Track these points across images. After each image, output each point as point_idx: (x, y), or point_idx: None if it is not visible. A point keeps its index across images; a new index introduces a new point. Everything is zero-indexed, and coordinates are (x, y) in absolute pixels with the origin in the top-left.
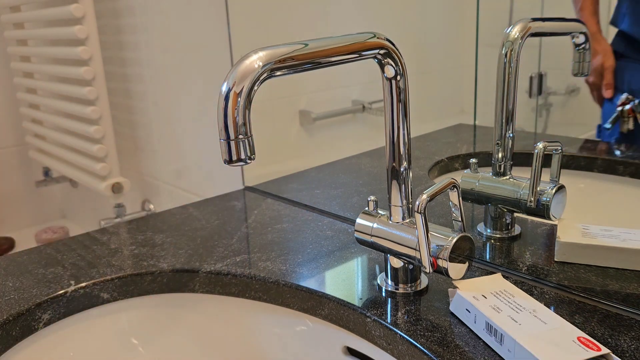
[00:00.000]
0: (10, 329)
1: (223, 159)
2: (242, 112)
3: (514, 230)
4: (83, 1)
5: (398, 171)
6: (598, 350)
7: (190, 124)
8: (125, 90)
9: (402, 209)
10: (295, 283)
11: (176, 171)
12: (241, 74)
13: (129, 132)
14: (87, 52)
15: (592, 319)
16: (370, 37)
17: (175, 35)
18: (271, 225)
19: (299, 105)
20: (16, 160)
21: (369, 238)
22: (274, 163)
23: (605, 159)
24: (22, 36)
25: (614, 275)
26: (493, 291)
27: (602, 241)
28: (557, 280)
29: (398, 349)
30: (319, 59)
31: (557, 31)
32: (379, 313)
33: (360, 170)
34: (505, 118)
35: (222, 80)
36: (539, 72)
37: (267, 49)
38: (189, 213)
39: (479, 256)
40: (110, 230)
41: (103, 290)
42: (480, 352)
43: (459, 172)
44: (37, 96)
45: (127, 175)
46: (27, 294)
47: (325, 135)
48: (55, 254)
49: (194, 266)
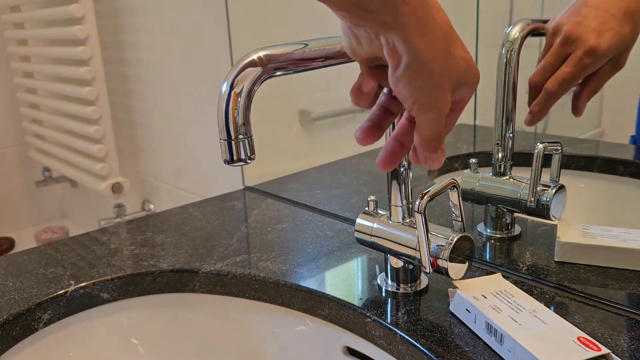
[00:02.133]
0: (10, 329)
1: (223, 159)
2: (242, 112)
3: (514, 230)
4: (83, 1)
5: (398, 171)
6: (598, 350)
7: (190, 124)
8: (125, 90)
9: (402, 209)
10: (295, 283)
11: (176, 171)
12: (241, 74)
13: (129, 132)
14: (87, 52)
15: (592, 319)
16: None
17: (175, 35)
18: (271, 225)
19: (299, 105)
20: (16, 160)
21: (369, 238)
22: (274, 163)
23: (605, 159)
24: (22, 36)
25: (614, 275)
26: (493, 291)
27: (602, 241)
28: (557, 280)
29: (398, 349)
30: (319, 59)
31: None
32: (379, 313)
33: (360, 170)
34: (505, 118)
35: (222, 80)
36: None
37: (267, 49)
38: (189, 213)
39: (479, 256)
40: (110, 230)
41: (103, 290)
42: (480, 352)
43: (459, 172)
44: (37, 96)
45: (127, 175)
46: (27, 294)
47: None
48: (55, 254)
49: (194, 266)
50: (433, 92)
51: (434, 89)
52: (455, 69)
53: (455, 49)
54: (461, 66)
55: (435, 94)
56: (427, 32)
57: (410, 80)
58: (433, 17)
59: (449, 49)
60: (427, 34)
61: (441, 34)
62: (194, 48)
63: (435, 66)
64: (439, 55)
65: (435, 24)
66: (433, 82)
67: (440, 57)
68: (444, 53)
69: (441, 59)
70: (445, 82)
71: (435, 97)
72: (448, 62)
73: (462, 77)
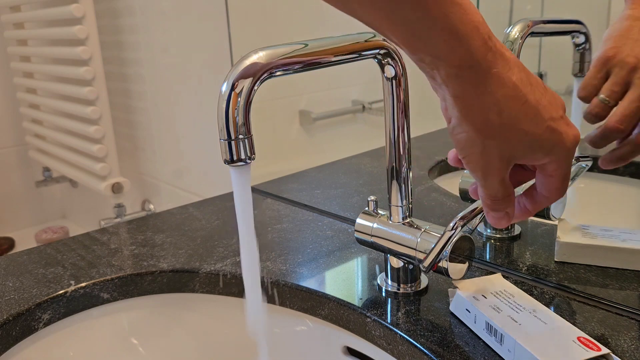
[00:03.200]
0: (10, 329)
1: (223, 159)
2: (242, 112)
3: (514, 231)
4: (83, 1)
5: (398, 171)
6: (598, 350)
7: (190, 124)
8: (125, 90)
9: (402, 209)
10: (295, 283)
11: (176, 171)
12: (241, 74)
13: (129, 132)
14: (87, 52)
15: (592, 319)
16: (371, 37)
17: (175, 35)
18: (271, 225)
19: (299, 105)
20: (16, 160)
21: (369, 238)
22: (274, 163)
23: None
24: (22, 36)
25: (614, 275)
26: (493, 291)
27: (602, 241)
28: (557, 280)
29: (398, 349)
30: (319, 59)
31: (557, 31)
32: (379, 313)
33: (360, 170)
34: None
35: (222, 80)
36: (539, 72)
37: (267, 49)
38: (189, 213)
39: (479, 256)
40: (110, 230)
41: (103, 290)
42: (480, 352)
43: (458, 172)
44: (37, 96)
45: (127, 175)
46: (27, 294)
47: (325, 135)
48: (55, 254)
49: (194, 266)
50: (473, 152)
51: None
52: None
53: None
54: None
55: (477, 155)
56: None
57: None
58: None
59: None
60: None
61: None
62: (194, 48)
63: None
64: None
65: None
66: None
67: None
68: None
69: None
70: (490, 146)
71: (477, 159)
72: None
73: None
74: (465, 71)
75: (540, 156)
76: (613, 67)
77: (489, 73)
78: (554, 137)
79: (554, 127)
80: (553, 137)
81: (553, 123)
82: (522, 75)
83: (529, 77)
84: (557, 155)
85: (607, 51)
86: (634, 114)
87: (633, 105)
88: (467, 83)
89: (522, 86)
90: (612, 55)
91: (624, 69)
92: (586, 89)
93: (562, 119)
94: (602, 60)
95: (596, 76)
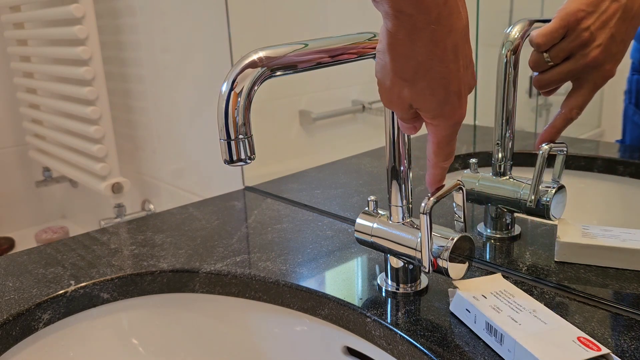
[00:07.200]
0: (10, 329)
1: (223, 159)
2: (242, 112)
3: (514, 231)
4: (83, 1)
5: (398, 171)
6: (598, 350)
7: (190, 124)
8: (125, 90)
9: (402, 209)
10: (295, 283)
11: (176, 171)
12: (241, 74)
13: (129, 132)
14: (87, 52)
15: (592, 319)
16: (371, 37)
17: (175, 35)
18: (271, 225)
19: (299, 105)
20: (16, 160)
21: (369, 238)
22: (274, 163)
23: (605, 159)
24: (22, 36)
25: (614, 275)
26: (493, 291)
27: (602, 241)
28: (557, 280)
29: (398, 349)
30: (319, 59)
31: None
32: (379, 313)
33: (360, 170)
34: (505, 118)
35: (222, 80)
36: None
37: (267, 49)
38: (189, 213)
39: (479, 256)
40: (110, 230)
41: (103, 290)
42: (480, 352)
43: (459, 172)
44: (37, 96)
45: (127, 175)
46: (27, 294)
47: (325, 135)
48: (55, 254)
49: (194, 266)
50: (384, 80)
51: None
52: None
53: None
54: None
55: (386, 89)
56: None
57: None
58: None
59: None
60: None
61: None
62: (194, 48)
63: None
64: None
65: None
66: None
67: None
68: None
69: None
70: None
71: (386, 92)
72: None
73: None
74: (405, 16)
75: (429, 116)
76: (571, 31)
77: (427, 28)
78: (447, 108)
79: (453, 101)
80: (446, 108)
81: (454, 97)
82: (458, 41)
83: (464, 47)
84: (438, 121)
85: (576, 13)
86: (558, 80)
87: (561, 75)
88: (403, 27)
89: (451, 51)
90: (579, 18)
91: (575, 40)
92: (546, 40)
93: (463, 98)
94: (567, 19)
95: (558, 31)
